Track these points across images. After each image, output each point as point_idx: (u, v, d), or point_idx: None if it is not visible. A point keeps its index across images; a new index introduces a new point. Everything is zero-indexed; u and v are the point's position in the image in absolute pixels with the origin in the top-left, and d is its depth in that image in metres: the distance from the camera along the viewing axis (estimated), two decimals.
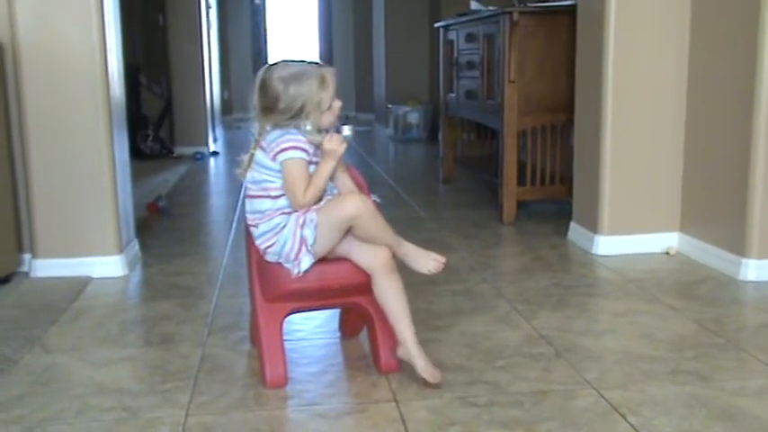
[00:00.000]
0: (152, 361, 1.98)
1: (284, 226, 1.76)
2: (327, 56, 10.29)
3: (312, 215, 1.74)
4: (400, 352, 1.79)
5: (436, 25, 4.80)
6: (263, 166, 1.78)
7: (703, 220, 2.81)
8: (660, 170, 2.92)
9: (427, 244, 3.09)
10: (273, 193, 1.78)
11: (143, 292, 2.64)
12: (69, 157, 2.64)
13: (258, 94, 1.78)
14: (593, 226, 2.98)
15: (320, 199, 1.77)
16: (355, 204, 1.75)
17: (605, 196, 2.92)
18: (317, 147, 1.78)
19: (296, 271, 1.74)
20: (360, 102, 9.99)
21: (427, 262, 1.83)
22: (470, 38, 4.05)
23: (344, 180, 1.88)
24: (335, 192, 1.85)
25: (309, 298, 1.83)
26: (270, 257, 1.79)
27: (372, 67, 8.73)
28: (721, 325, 2.14)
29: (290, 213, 1.77)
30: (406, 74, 7.48)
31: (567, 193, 3.35)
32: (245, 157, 1.83)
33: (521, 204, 3.59)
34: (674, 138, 2.90)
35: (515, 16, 3.41)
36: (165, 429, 1.59)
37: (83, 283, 2.62)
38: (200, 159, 5.89)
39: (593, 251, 2.93)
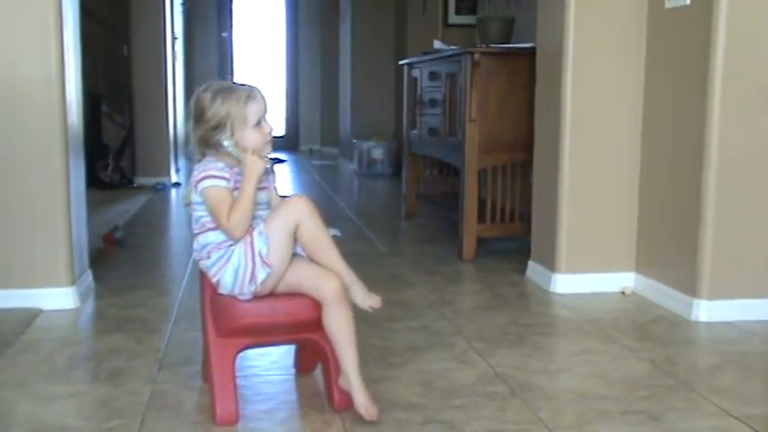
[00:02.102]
0: (99, 397, 1.92)
1: (233, 250, 1.74)
2: (294, 89, 10.33)
3: (260, 228, 1.73)
4: (341, 382, 1.78)
5: (401, 63, 4.86)
6: (196, 203, 1.78)
7: (657, 260, 2.85)
8: (617, 210, 2.96)
9: (388, 280, 3.13)
10: (210, 226, 1.77)
11: (94, 325, 2.58)
12: (23, 185, 2.59)
13: (191, 110, 1.80)
14: (550, 264, 3.00)
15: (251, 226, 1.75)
16: (297, 201, 1.77)
17: (562, 235, 2.95)
18: (237, 165, 1.76)
19: (253, 288, 1.72)
20: (325, 136, 10.03)
21: (366, 298, 1.83)
22: (433, 76, 4.10)
23: None
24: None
25: (261, 333, 1.81)
26: (224, 288, 1.76)
27: (338, 102, 8.77)
28: (673, 365, 2.16)
29: (234, 244, 1.75)
30: (372, 109, 7.53)
31: (527, 230, 3.37)
32: (185, 200, 1.84)
33: (481, 241, 3.61)
34: (629, 178, 2.95)
35: (476, 57, 3.46)
36: None
37: (32, 315, 2.55)
38: (162, 190, 5.82)
39: (551, 289, 2.95)
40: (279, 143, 10.27)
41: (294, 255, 1.78)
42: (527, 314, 2.68)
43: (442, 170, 4.65)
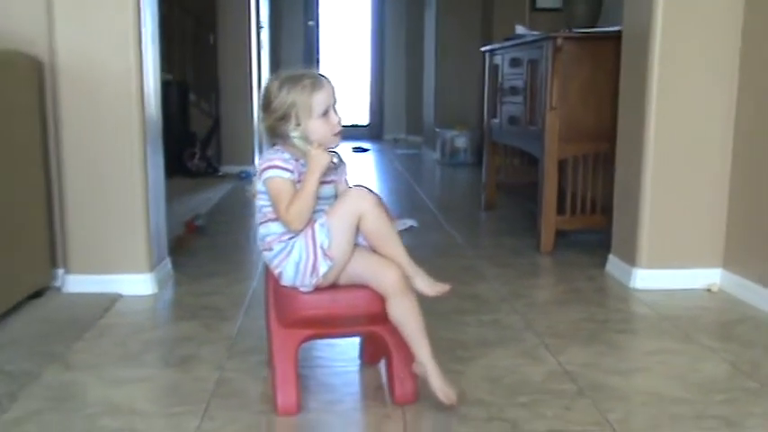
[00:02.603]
0: (168, 382, 1.97)
1: (295, 243, 1.73)
2: (379, 78, 10.34)
3: (321, 220, 1.71)
4: (416, 369, 1.74)
5: (482, 49, 4.77)
6: (260, 192, 1.77)
7: (748, 256, 2.69)
8: (704, 203, 2.82)
9: (461, 272, 3.08)
10: (272, 216, 1.76)
11: (170, 311, 2.64)
12: (103, 175, 2.67)
13: (260, 99, 1.79)
14: (630, 259, 2.88)
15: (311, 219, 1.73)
16: (360, 193, 1.74)
17: (644, 228, 2.83)
18: (303, 157, 1.74)
19: (315, 280, 1.71)
20: (410, 125, 10.01)
21: (432, 285, 1.78)
22: (515, 63, 4.00)
23: None
24: None
25: (323, 325, 1.80)
26: (286, 281, 1.75)
27: (423, 90, 8.72)
28: (757, 368, 2.04)
29: (296, 235, 1.74)
30: (456, 98, 7.44)
31: (608, 223, 3.25)
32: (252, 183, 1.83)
33: (561, 234, 3.51)
34: (719, 170, 2.80)
35: (559, 41, 3.35)
36: None
37: (112, 299, 2.63)
38: (246, 178, 5.93)
39: (631, 285, 2.84)
40: (363, 132, 10.34)
41: (355, 245, 1.76)
42: (603, 310, 2.59)
43: (524, 160, 4.56)
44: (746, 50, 2.70)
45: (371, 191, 1.77)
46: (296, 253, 1.72)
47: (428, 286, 1.77)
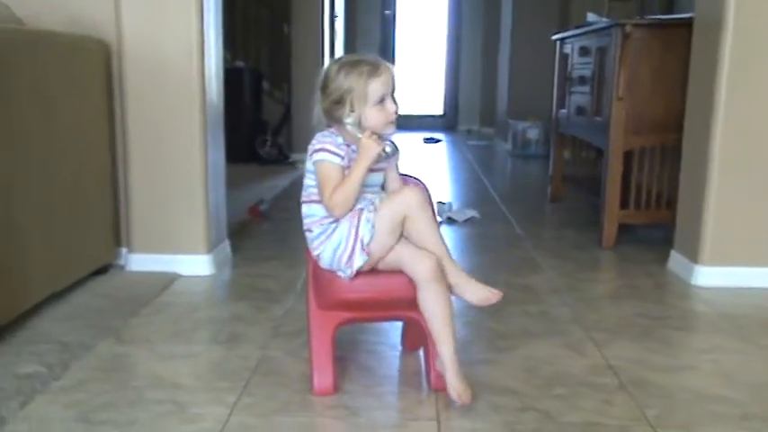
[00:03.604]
0: (213, 359, 2.02)
1: (336, 228, 1.74)
2: (455, 68, 10.29)
3: (368, 214, 1.71)
4: (437, 364, 1.74)
5: (553, 38, 4.68)
6: (308, 170, 1.79)
7: None
8: None
9: (517, 263, 3.05)
10: (316, 198, 1.77)
11: (224, 291, 2.71)
12: (165, 157, 2.76)
13: (319, 80, 1.78)
14: (693, 255, 2.79)
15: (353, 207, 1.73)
16: (409, 192, 1.73)
17: (708, 224, 2.73)
18: (355, 143, 1.74)
19: (348, 272, 1.72)
20: (483, 116, 9.92)
21: (479, 291, 1.74)
22: (584, 51, 3.92)
23: (398, 188, 1.84)
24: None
25: (361, 308, 1.81)
26: (323, 263, 1.78)
27: (497, 81, 8.63)
28: None
29: (337, 221, 1.75)
30: (529, 89, 7.33)
31: (674, 218, 3.15)
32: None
33: (625, 228, 3.43)
34: None
35: (628, 29, 3.26)
36: (206, 426, 1.62)
37: (171, 279, 2.72)
38: None
39: (692, 282, 2.75)
40: (437, 123, 10.32)
41: None
42: (659, 306, 2.51)
43: (593, 152, 4.45)
44: None
45: (421, 190, 1.76)
46: (336, 238, 1.74)
47: (474, 293, 1.74)
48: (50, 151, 2.35)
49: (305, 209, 1.82)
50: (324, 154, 1.74)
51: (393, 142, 1.77)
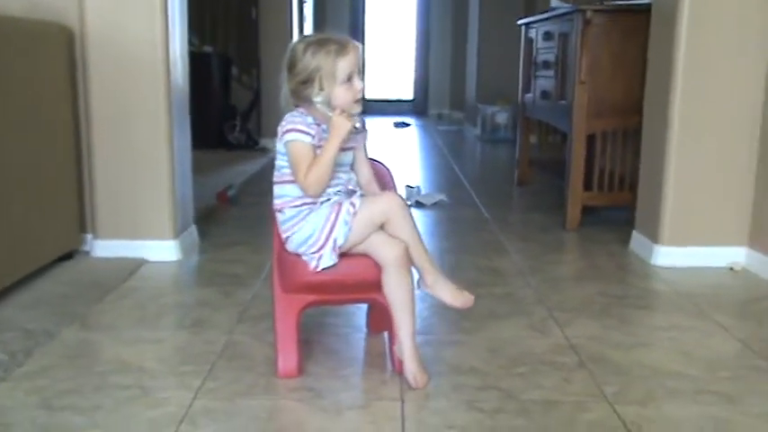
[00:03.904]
0: (178, 344, 2.03)
1: (308, 214, 1.75)
2: (424, 53, 10.29)
3: (346, 216, 1.71)
4: (396, 349, 1.77)
5: (518, 23, 4.71)
6: (279, 152, 1.79)
7: None
8: (729, 181, 2.77)
9: (483, 246, 3.09)
10: (289, 178, 1.78)
11: (191, 277, 2.71)
12: (131, 143, 2.74)
13: (285, 60, 1.78)
14: (653, 235, 2.85)
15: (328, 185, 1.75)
16: (391, 199, 1.74)
17: (667, 204, 2.79)
18: (325, 122, 1.74)
19: (314, 265, 1.74)
20: (453, 101, 9.95)
21: (456, 293, 1.77)
22: (547, 36, 3.95)
23: (364, 171, 1.86)
24: (353, 181, 1.83)
25: (325, 291, 1.83)
26: (291, 246, 1.79)
27: (466, 66, 8.65)
28: None
29: (314, 203, 1.76)
30: (497, 73, 7.35)
31: (636, 200, 3.21)
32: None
33: (589, 210, 3.48)
34: (746, 147, 2.74)
35: (589, 14, 3.30)
36: (170, 410, 1.63)
37: (137, 264, 2.72)
38: None
39: (652, 262, 2.81)
40: (407, 107, 10.33)
41: None
42: (619, 286, 2.57)
43: (559, 136, 4.51)
44: None
45: (399, 197, 1.77)
46: (309, 228, 1.74)
47: (452, 296, 1.77)
48: (8, 138, 2.32)
49: (277, 189, 1.82)
50: (295, 134, 1.74)
51: (362, 118, 1.79)
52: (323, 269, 1.73)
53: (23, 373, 1.80)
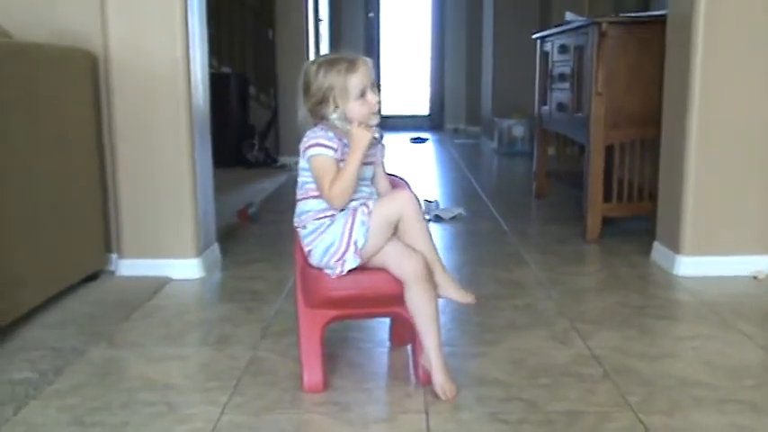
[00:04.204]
0: (203, 360, 2.06)
1: (329, 225, 1.78)
2: (440, 68, 10.34)
3: (363, 217, 1.75)
4: (423, 360, 1.78)
5: (533, 36, 4.74)
6: (302, 168, 1.82)
7: None
8: (750, 189, 2.76)
9: (502, 258, 3.10)
10: (313, 193, 1.81)
11: (214, 294, 2.74)
12: (153, 164, 2.79)
13: (300, 83, 1.83)
14: (674, 245, 2.84)
15: (352, 199, 1.78)
16: (404, 197, 1.77)
17: (688, 214, 2.79)
18: (345, 137, 1.77)
19: (338, 271, 1.76)
20: (469, 115, 9.98)
21: (462, 292, 1.82)
22: (563, 49, 3.97)
23: (383, 185, 1.90)
24: (374, 196, 1.86)
25: (347, 305, 1.85)
26: (314, 259, 1.81)
27: (482, 80, 8.68)
28: None
29: (334, 215, 1.79)
30: (513, 86, 7.37)
31: (656, 210, 3.21)
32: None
33: (608, 221, 3.48)
34: (766, 154, 2.73)
35: (604, 27, 3.32)
36: (197, 426, 1.65)
37: (161, 283, 2.75)
38: None
39: (674, 272, 2.80)
40: (423, 122, 10.37)
41: None
42: (641, 296, 2.56)
43: (577, 148, 4.51)
44: None
45: (412, 195, 1.80)
46: (329, 237, 1.77)
47: (459, 293, 1.81)
48: (37, 161, 2.37)
49: (300, 206, 1.85)
50: (318, 149, 1.77)
51: (380, 130, 1.82)
52: (347, 272, 1.75)
53: (54, 390, 1.83)
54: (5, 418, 1.68)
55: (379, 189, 1.90)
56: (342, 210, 1.78)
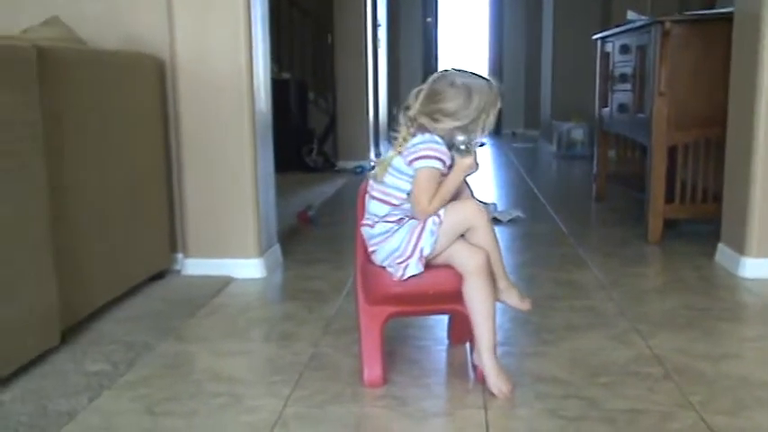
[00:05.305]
0: (267, 355, 2.11)
1: (396, 230, 1.80)
2: (498, 72, 10.29)
3: (432, 227, 1.76)
4: (475, 359, 1.80)
5: (594, 37, 4.70)
6: (399, 171, 1.79)
7: None
8: None
9: (561, 260, 3.08)
10: (395, 201, 1.81)
11: (276, 293, 2.80)
12: (218, 167, 2.87)
13: (426, 97, 1.78)
14: (739, 247, 2.79)
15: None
16: (475, 207, 1.80)
17: (754, 215, 2.73)
18: (450, 150, 1.79)
19: (400, 274, 1.78)
20: (528, 118, 9.92)
21: (522, 299, 1.86)
22: (624, 49, 3.94)
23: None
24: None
25: (408, 303, 1.88)
26: (377, 259, 1.84)
27: (540, 84, 8.63)
28: None
29: (402, 220, 1.81)
30: (573, 89, 7.32)
31: (720, 212, 3.15)
32: (380, 161, 1.86)
33: (671, 224, 3.43)
34: None
35: (668, 26, 3.28)
36: (263, 416, 1.70)
37: (225, 282, 2.83)
38: (360, 173, 6.10)
39: (739, 274, 2.75)
40: None
41: None
42: (705, 298, 2.53)
43: (638, 150, 4.45)
44: None
45: (481, 206, 1.83)
46: (395, 241, 1.79)
47: (519, 300, 1.85)
48: (109, 163, 2.47)
49: (375, 206, 1.84)
50: (434, 162, 1.76)
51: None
52: (408, 277, 1.77)
53: (126, 381, 1.91)
54: (81, 405, 1.76)
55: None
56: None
